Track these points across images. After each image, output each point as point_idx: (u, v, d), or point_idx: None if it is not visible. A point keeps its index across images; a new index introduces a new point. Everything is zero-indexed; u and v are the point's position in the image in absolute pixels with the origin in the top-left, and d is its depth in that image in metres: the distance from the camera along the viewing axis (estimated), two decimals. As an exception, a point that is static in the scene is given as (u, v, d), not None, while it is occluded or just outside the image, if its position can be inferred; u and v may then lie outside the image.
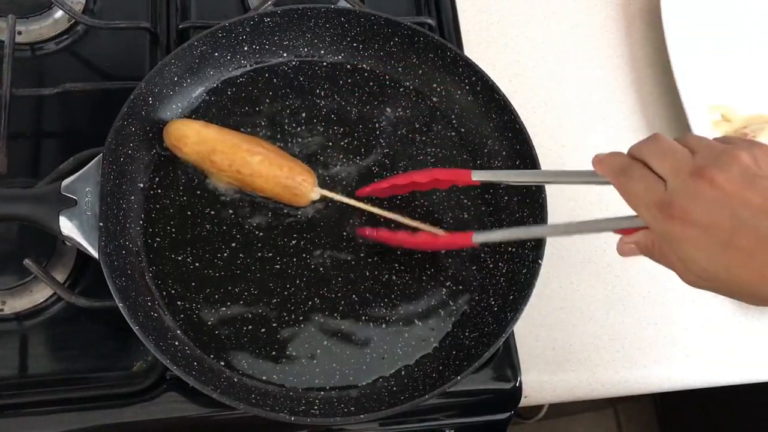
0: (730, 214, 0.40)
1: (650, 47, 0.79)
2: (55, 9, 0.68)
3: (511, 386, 0.60)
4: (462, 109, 0.64)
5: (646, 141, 0.45)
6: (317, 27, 0.63)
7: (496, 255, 0.60)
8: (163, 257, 0.56)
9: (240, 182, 0.57)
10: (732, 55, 0.77)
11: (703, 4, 0.78)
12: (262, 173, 0.56)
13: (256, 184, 0.56)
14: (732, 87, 0.76)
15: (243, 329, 0.55)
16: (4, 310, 0.58)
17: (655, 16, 0.78)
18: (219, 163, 0.56)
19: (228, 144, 0.56)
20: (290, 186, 0.56)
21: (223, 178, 0.57)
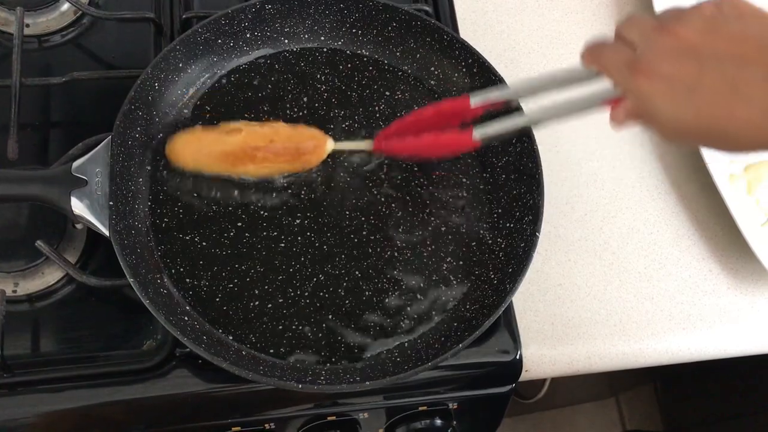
0: (696, 62, 0.41)
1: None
2: (62, 2, 0.70)
3: (512, 358, 0.61)
4: (460, 91, 0.66)
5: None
6: (317, 14, 0.65)
7: (495, 231, 0.62)
8: (171, 237, 0.58)
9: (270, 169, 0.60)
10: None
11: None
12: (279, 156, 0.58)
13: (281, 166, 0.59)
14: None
15: (250, 305, 0.57)
16: (17, 291, 0.59)
17: (646, 3, 0.79)
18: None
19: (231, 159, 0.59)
20: (305, 149, 0.59)
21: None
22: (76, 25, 0.71)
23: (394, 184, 0.62)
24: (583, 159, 0.73)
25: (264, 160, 0.58)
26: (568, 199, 0.71)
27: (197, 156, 0.58)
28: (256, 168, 0.58)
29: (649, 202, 0.72)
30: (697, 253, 0.71)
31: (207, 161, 0.58)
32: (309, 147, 0.58)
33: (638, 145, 0.75)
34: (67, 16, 0.70)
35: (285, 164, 0.59)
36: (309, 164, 0.60)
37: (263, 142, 0.57)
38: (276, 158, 0.58)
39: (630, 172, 0.73)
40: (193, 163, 0.59)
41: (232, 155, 0.57)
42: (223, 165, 0.58)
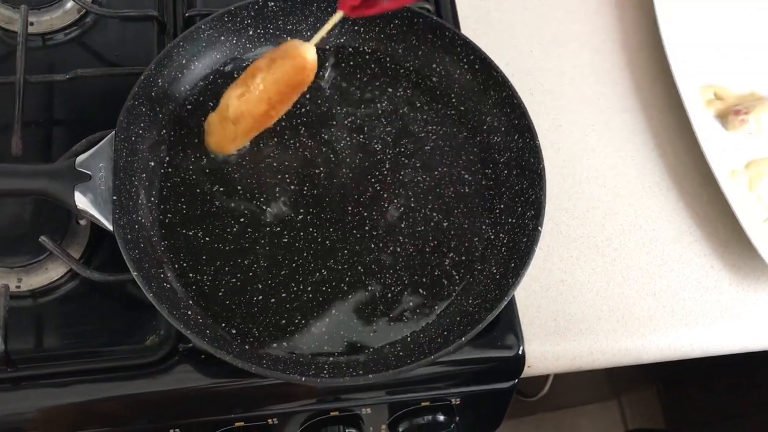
0: None
1: (642, 33, 0.81)
2: (66, 0, 0.70)
3: (514, 354, 0.61)
4: (461, 87, 0.66)
5: None
6: (319, 11, 0.66)
7: (497, 226, 0.62)
8: (175, 232, 0.58)
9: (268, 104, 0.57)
10: (722, 37, 0.79)
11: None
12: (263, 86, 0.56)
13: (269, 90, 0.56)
14: (723, 68, 0.78)
15: (253, 300, 0.57)
16: (20, 287, 0.59)
17: (647, 3, 0.80)
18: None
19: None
20: (277, 60, 0.55)
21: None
22: (80, 23, 0.71)
23: (396, 180, 0.63)
24: (584, 156, 0.73)
25: (245, 86, 0.56)
26: (569, 195, 0.71)
27: (213, 131, 0.59)
28: (246, 100, 0.56)
29: (650, 199, 0.72)
30: (699, 250, 0.71)
31: (221, 128, 0.58)
32: (280, 53, 0.55)
33: (639, 143, 0.75)
34: (70, 15, 0.71)
35: (267, 80, 0.56)
36: (292, 68, 0.55)
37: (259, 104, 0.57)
38: (252, 77, 0.56)
39: (631, 169, 0.73)
40: (214, 139, 0.60)
41: (225, 104, 0.57)
42: (227, 122, 0.58)
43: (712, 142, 0.72)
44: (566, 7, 0.81)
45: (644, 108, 0.77)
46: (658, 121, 0.76)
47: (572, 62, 0.78)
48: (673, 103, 0.76)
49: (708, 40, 0.78)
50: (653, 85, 0.78)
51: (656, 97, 0.77)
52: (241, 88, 0.56)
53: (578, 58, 0.79)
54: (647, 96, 0.78)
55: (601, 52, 0.80)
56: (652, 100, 0.77)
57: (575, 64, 0.78)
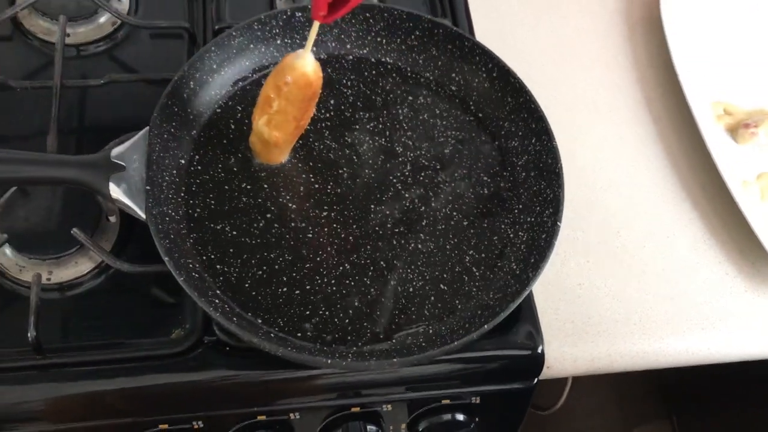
0: None
1: (652, 50, 0.84)
2: (100, 14, 0.74)
3: (534, 352, 0.62)
4: (479, 95, 0.68)
5: None
6: (344, 22, 0.69)
7: (516, 225, 0.63)
8: (203, 226, 0.60)
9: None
10: (731, 55, 0.82)
11: (701, 12, 0.83)
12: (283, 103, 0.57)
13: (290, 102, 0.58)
14: (732, 85, 0.80)
15: (278, 291, 0.58)
16: (51, 279, 0.61)
17: (656, 23, 0.83)
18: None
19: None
20: (283, 87, 0.56)
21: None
22: (113, 36, 0.74)
23: (417, 181, 0.64)
24: (598, 167, 0.75)
25: (267, 114, 0.58)
26: (585, 204, 0.73)
27: (261, 149, 0.62)
28: (275, 125, 0.59)
29: (664, 208, 0.74)
30: (713, 257, 0.72)
31: (265, 147, 0.62)
32: (278, 79, 0.56)
33: (652, 155, 0.77)
34: (105, 28, 0.74)
35: (282, 107, 0.57)
36: (298, 88, 0.56)
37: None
38: (269, 107, 0.58)
39: (644, 180, 0.75)
40: (269, 155, 0.63)
41: (258, 131, 0.60)
42: (268, 143, 0.61)
43: (723, 155, 0.74)
44: (578, 27, 0.85)
45: (655, 122, 0.79)
46: (669, 135, 0.78)
47: (584, 78, 0.81)
48: (684, 118, 0.78)
49: (716, 58, 0.81)
50: (664, 100, 0.80)
51: (667, 111, 0.80)
52: (266, 115, 0.59)
53: (590, 74, 0.82)
54: (658, 111, 0.80)
55: (612, 69, 0.82)
56: (663, 114, 0.80)
57: (587, 80, 0.81)
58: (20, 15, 0.73)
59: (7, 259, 0.61)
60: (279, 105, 0.56)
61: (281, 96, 0.56)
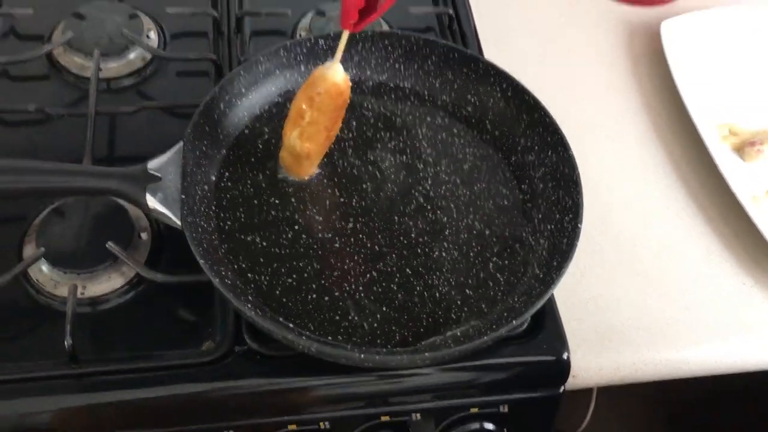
0: None
1: (656, 80, 0.87)
2: (131, 50, 0.77)
3: (560, 357, 0.63)
4: (495, 114, 0.71)
5: None
6: (364, 50, 0.72)
7: (537, 234, 0.65)
8: (234, 237, 0.62)
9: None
10: (731, 80, 0.86)
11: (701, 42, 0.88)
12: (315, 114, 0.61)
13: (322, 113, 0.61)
14: (735, 107, 0.84)
15: (308, 298, 0.60)
16: (84, 294, 0.62)
17: (658, 55, 0.87)
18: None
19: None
20: (315, 97, 0.59)
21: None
22: (142, 71, 0.78)
23: (438, 194, 0.67)
24: (611, 186, 0.77)
25: (299, 126, 0.61)
26: (601, 220, 0.74)
27: (293, 163, 0.65)
28: (307, 137, 0.61)
29: (677, 224, 0.76)
30: (729, 269, 0.73)
31: (297, 160, 0.64)
32: (310, 91, 0.59)
33: (662, 175, 0.79)
34: (135, 63, 0.78)
35: (314, 117, 0.60)
36: (330, 97, 0.60)
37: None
38: (301, 119, 0.60)
39: (656, 198, 0.77)
40: (301, 169, 0.65)
41: (290, 146, 0.62)
42: (300, 156, 0.63)
43: (732, 172, 0.76)
44: (583, 59, 0.89)
45: (664, 144, 0.82)
46: (678, 156, 0.81)
47: (592, 106, 0.84)
48: (691, 139, 0.81)
49: (717, 83, 0.85)
50: (670, 124, 0.83)
51: (674, 135, 0.83)
52: (298, 128, 0.62)
53: (598, 102, 0.85)
54: (665, 134, 0.83)
55: (619, 98, 0.86)
56: (670, 137, 0.83)
57: (596, 108, 0.84)
58: (56, 52, 0.77)
59: (43, 275, 0.62)
60: (311, 116, 0.59)
61: (314, 107, 0.59)
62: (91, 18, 0.78)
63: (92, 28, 0.77)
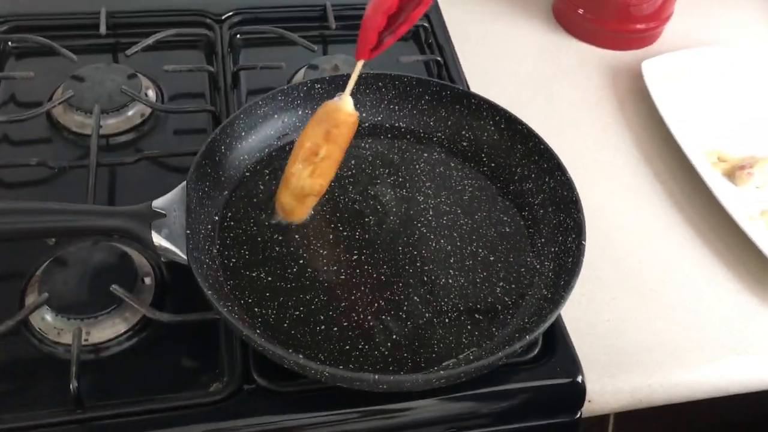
0: None
1: (642, 116, 0.90)
2: (129, 107, 0.79)
3: (574, 380, 0.62)
4: (490, 147, 0.73)
5: None
6: (359, 93, 0.74)
7: (541, 257, 0.65)
8: (239, 274, 0.62)
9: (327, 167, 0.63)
10: (715, 110, 0.89)
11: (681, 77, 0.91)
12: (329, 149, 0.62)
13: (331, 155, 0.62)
14: (721, 135, 0.86)
15: (317, 329, 0.59)
16: (88, 340, 0.61)
17: (642, 93, 0.90)
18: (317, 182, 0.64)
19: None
20: (332, 130, 0.61)
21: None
22: (141, 127, 0.79)
23: (440, 224, 0.67)
24: (608, 214, 0.78)
25: (312, 163, 0.62)
26: (602, 246, 0.75)
27: (294, 207, 0.65)
28: (319, 173, 0.62)
29: (677, 247, 0.76)
30: (734, 288, 0.73)
31: (300, 202, 0.65)
32: (327, 125, 0.61)
33: (657, 202, 0.81)
34: (133, 119, 0.79)
35: (329, 152, 0.62)
36: (345, 133, 0.62)
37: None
38: (315, 155, 0.61)
39: (654, 224, 0.78)
40: (299, 212, 0.66)
41: (298, 185, 0.63)
42: (308, 194, 0.64)
43: (725, 196, 0.77)
44: (569, 100, 0.91)
45: (656, 174, 0.84)
46: (671, 185, 0.82)
47: (583, 142, 0.86)
48: (682, 168, 0.82)
49: (701, 113, 0.87)
50: (661, 155, 0.85)
51: (665, 164, 0.84)
52: (309, 166, 0.62)
53: (588, 139, 0.87)
54: (656, 165, 0.84)
55: (608, 134, 0.88)
56: (662, 167, 0.84)
57: (586, 144, 0.86)
58: (55, 112, 0.78)
59: (46, 324, 0.61)
60: (327, 150, 0.61)
61: (330, 141, 0.61)
62: (91, 79, 0.80)
63: (92, 87, 0.79)
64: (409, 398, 0.58)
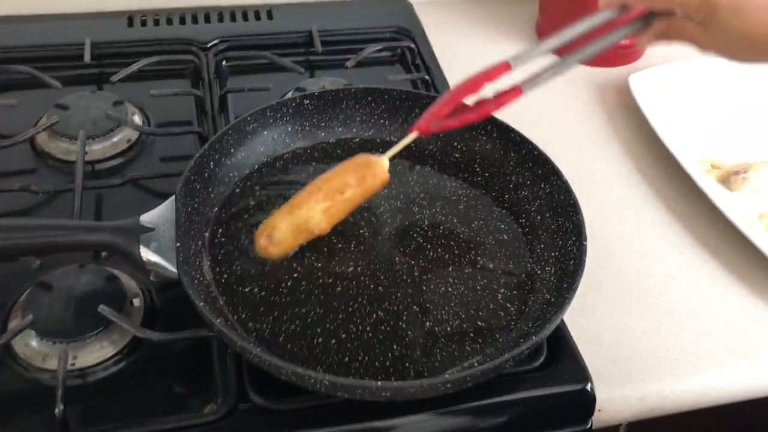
0: None
1: (632, 128, 0.90)
2: (115, 133, 0.78)
3: (583, 386, 0.59)
4: (483, 157, 0.72)
5: None
6: (348, 108, 0.73)
7: (542, 262, 0.64)
8: (231, 289, 0.60)
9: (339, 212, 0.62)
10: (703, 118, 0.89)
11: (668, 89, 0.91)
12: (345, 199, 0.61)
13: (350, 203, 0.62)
14: (712, 143, 0.86)
15: (314, 342, 0.57)
16: (75, 365, 0.58)
17: (631, 106, 0.90)
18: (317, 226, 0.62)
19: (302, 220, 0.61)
20: (368, 177, 0.61)
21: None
22: (126, 153, 0.78)
23: (437, 234, 0.66)
24: (606, 224, 0.77)
25: (332, 201, 0.61)
26: (601, 255, 0.73)
27: (284, 240, 0.61)
28: (330, 214, 0.61)
29: (677, 255, 0.75)
30: (738, 292, 0.72)
31: (293, 237, 0.61)
32: (364, 170, 0.61)
33: (653, 211, 0.80)
34: (119, 145, 0.78)
35: (353, 196, 0.61)
36: (374, 185, 0.62)
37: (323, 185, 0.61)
38: (340, 193, 0.61)
39: (652, 233, 0.77)
40: (282, 248, 0.62)
41: (306, 217, 0.61)
42: (305, 232, 0.61)
43: (722, 202, 0.76)
44: (559, 115, 0.91)
45: (650, 183, 0.83)
46: (666, 193, 0.82)
47: (575, 155, 0.86)
48: (676, 176, 0.82)
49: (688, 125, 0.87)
50: (654, 165, 0.85)
51: (659, 174, 0.84)
52: (328, 202, 0.61)
53: (579, 152, 0.86)
54: (650, 174, 0.84)
55: (599, 147, 0.87)
56: (655, 177, 0.83)
57: (579, 157, 0.85)
58: (40, 140, 0.77)
59: (30, 349, 0.59)
60: (353, 194, 0.60)
61: (360, 186, 0.60)
62: (75, 107, 0.79)
63: (76, 114, 0.78)
64: (412, 411, 0.56)
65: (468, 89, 0.59)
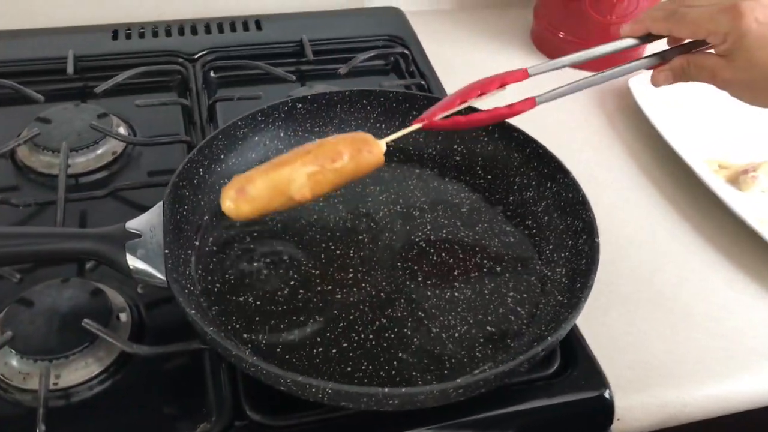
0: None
1: (633, 130, 0.87)
2: (100, 145, 0.74)
3: (601, 393, 0.56)
4: (485, 158, 0.69)
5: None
6: (343, 112, 0.71)
7: (551, 264, 0.61)
8: (224, 299, 0.56)
9: (320, 187, 0.56)
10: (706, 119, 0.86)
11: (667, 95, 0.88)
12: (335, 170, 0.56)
13: (338, 177, 0.56)
14: (718, 143, 0.83)
15: (313, 352, 0.53)
16: (58, 384, 0.54)
17: (632, 109, 0.88)
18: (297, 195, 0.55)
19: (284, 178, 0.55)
20: (363, 152, 0.57)
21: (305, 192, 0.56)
22: (111, 166, 0.74)
23: (440, 238, 0.62)
24: (615, 227, 0.74)
25: (320, 167, 0.55)
26: (612, 259, 0.70)
27: (258, 198, 0.54)
28: (316, 181, 0.55)
29: (689, 256, 0.72)
30: (755, 293, 0.69)
31: (268, 197, 0.55)
32: (360, 144, 0.57)
33: (662, 212, 0.77)
34: (104, 157, 0.74)
35: (343, 168, 0.56)
36: (368, 163, 0.57)
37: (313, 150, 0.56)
38: (331, 161, 0.55)
39: (662, 234, 0.74)
40: (254, 206, 0.55)
41: (288, 178, 0.54)
42: (284, 195, 0.55)
43: (733, 202, 0.74)
44: (559, 121, 0.88)
45: (657, 186, 0.80)
46: (674, 195, 0.79)
47: (578, 160, 0.82)
48: (683, 178, 0.79)
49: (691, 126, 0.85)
50: (660, 167, 0.82)
51: (664, 175, 0.81)
52: (315, 167, 0.55)
53: (582, 157, 0.84)
54: (656, 176, 0.81)
55: (601, 151, 0.85)
56: (661, 178, 0.81)
57: (582, 162, 0.82)
58: (21, 154, 0.73)
59: (10, 369, 0.55)
60: (343, 165, 0.55)
61: (354, 160, 0.56)
62: (58, 119, 0.76)
63: (59, 127, 0.75)
64: (420, 422, 0.52)
65: (479, 88, 0.58)
